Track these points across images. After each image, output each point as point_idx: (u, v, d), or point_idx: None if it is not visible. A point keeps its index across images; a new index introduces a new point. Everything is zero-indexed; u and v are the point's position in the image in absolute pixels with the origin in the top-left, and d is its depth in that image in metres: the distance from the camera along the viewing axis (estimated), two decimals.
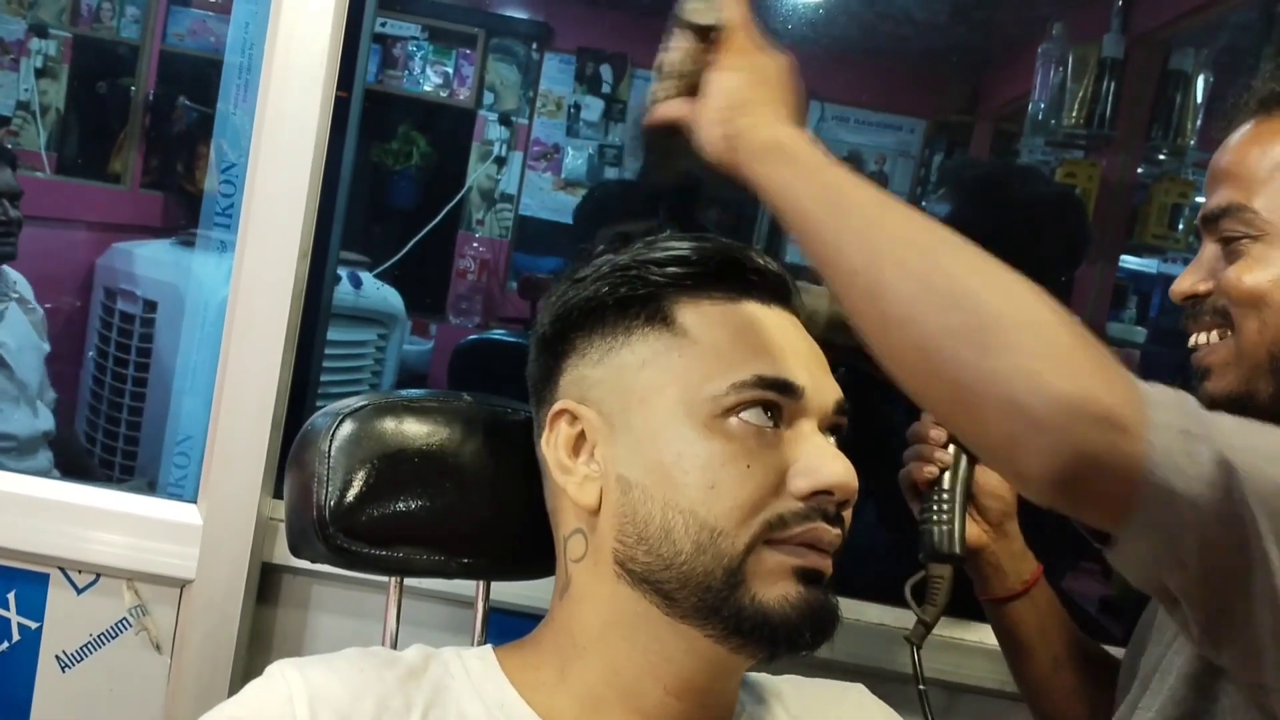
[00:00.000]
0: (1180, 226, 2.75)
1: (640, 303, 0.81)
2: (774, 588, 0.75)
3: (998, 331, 0.66)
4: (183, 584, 1.34)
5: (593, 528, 0.80)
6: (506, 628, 1.01)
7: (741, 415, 0.76)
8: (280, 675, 0.76)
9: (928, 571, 0.99)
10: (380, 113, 3.79)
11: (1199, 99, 2.61)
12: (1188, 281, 0.95)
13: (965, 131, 4.41)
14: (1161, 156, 2.74)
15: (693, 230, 0.87)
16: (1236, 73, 2.67)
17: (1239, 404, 0.90)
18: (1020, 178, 2.22)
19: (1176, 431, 0.69)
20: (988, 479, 1.03)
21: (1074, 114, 2.68)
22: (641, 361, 0.79)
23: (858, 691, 0.94)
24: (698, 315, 0.80)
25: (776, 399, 0.77)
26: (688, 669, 0.79)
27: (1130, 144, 2.74)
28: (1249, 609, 0.72)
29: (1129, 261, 3.99)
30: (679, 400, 0.77)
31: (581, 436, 0.81)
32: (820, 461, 0.77)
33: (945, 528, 0.99)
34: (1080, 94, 2.66)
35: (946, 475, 1.00)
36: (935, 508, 1.00)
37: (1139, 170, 2.83)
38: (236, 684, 1.33)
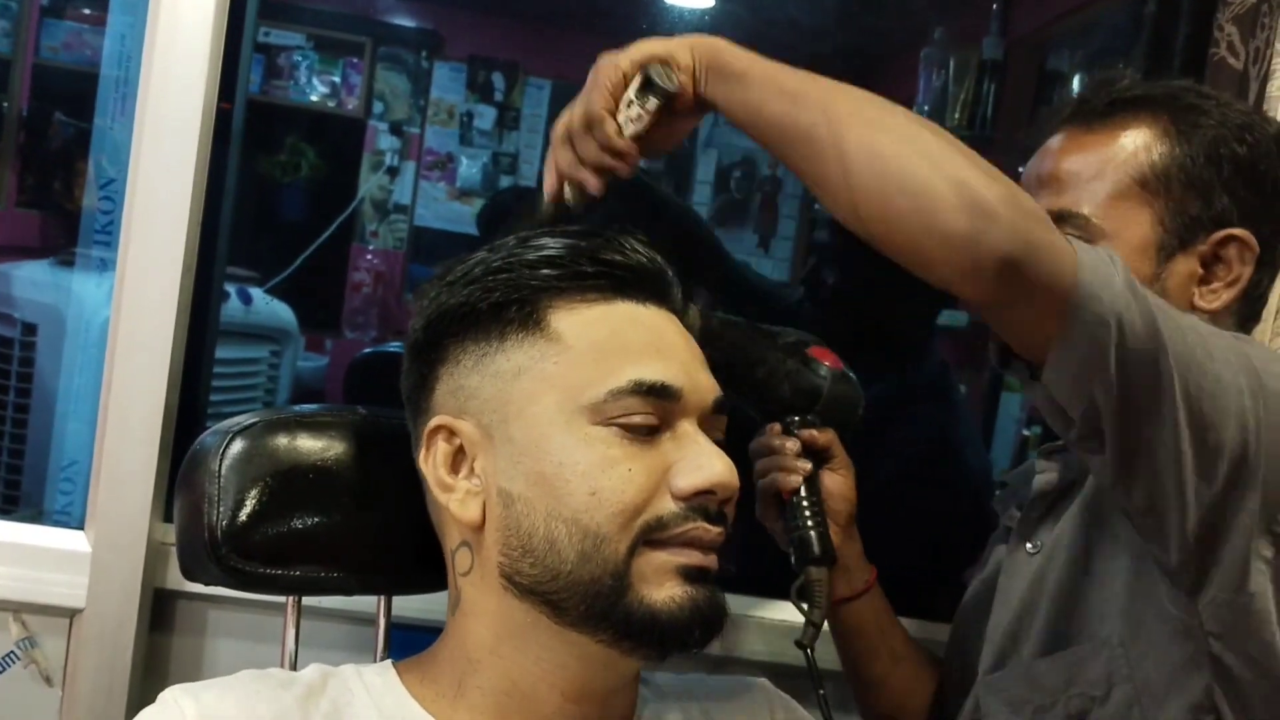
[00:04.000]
0: None
1: (513, 306, 0.79)
2: (661, 589, 0.75)
3: (940, 196, 0.80)
4: (72, 613, 1.30)
5: (478, 542, 0.79)
6: (409, 643, 1.00)
7: (620, 420, 0.76)
8: (173, 701, 0.74)
9: (807, 576, 1.02)
10: (266, 124, 3.72)
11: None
12: None
13: None
14: None
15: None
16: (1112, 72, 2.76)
17: None
18: None
19: (1103, 256, 0.84)
20: (834, 483, 1.07)
21: (957, 116, 2.75)
22: (517, 369, 0.78)
23: (760, 686, 0.95)
24: (572, 319, 0.79)
25: (655, 405, 0.77)
26: (582, 675, 0.79)
27: (1011, 144, 2.83)
28: (1153, 443, 0.83)
29: None
30: (557, 409, 0.76)
31: (460, 451, 0.80)
32: (701, 461, 0.77)
33: (816, 532, 1.03)
34: (962, 96, 2.74)
35: (804, 484, 1.04)
36: (803, 514, 1.03)
37: (1020, 170, 2.91)
38: (131, 715, 1.28)
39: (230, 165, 1.41)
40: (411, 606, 1.17)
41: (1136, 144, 0.99)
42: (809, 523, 1.03)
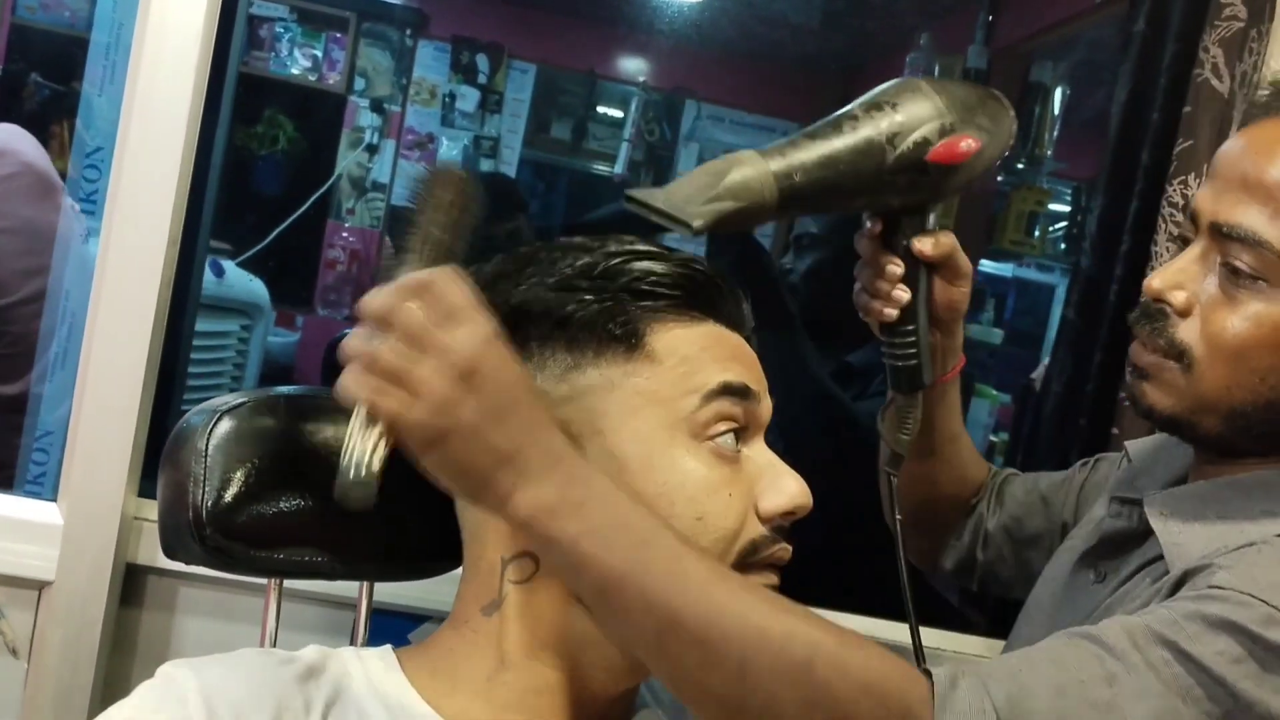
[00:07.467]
0: (1036, 233, 2.86)
1: (616, 325, 0.77)
2: None
3: None
4: (41, 585, 1.28)
5: None
6: (386, 628, 1.00)
7: (716, 441, 0.75)
8: (174, 675, 0.73)
9: (896, 404, 0.97)
10: (245, 95, 3.68)
11: (1056, 111, 2.72)
12: (1164, 284, 0.87)
13: None
14: (1020, 166, 2.86)
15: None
16: (1092, 86, 2.79)
17: (1175, 426, 0.89)
18: None
19: None
20: (944, 294, 0.97)
21: None
22: (610, 383, 0.76)
23: None
24: (666, 338, 0.77)
25: (741, 408, 0.77)
26: (620, 682, 0.78)
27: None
28: None
29: (986, 266, 4.15)
30: (657, 424, 0.75)
31: None
32: (783, 483, 0.77)
33: (914, 362, 0.94)
34: None
35: (902, 312, 0.93)
36: (902, 341, 0.94)
37: (998, 179, 2.94)
38: (98, 689, 1.29)
39: (218, 139, 1.40)
40: (387, 591, 1.17)
41: None
42: (906, 352, 0.94)
